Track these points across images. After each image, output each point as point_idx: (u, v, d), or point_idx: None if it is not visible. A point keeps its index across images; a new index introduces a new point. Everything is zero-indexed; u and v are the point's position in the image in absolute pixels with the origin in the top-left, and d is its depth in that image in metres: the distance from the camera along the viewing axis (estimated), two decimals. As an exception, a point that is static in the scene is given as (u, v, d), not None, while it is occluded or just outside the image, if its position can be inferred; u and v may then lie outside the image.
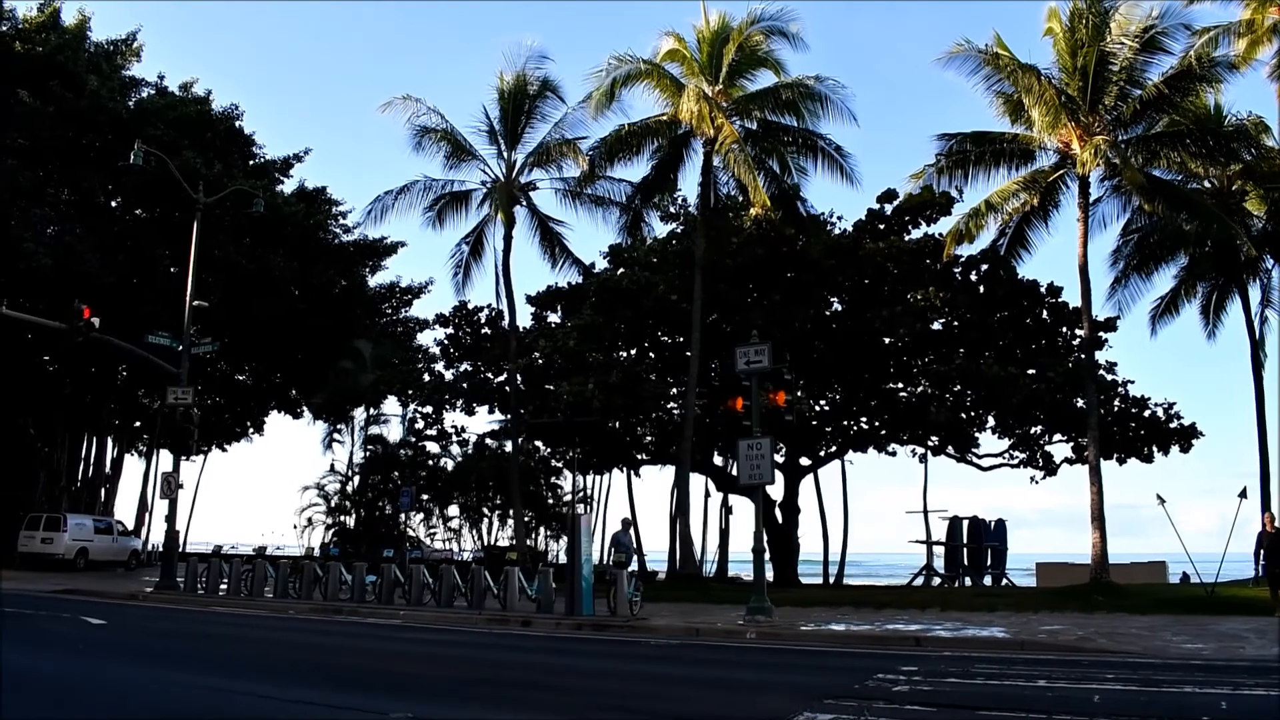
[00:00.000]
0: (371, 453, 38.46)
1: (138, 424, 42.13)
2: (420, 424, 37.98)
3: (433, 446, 38.46)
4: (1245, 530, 19.89)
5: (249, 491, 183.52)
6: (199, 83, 37.13)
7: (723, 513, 39.38)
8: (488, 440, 36.26)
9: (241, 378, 42.32)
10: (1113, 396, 27.28)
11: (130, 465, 43.47)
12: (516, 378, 30.08)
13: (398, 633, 15.23)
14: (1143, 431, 27.17)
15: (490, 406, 34.30)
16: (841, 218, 30.78)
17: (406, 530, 36.26)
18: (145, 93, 35.45)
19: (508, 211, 28.35)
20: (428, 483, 37.17)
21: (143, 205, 34.96)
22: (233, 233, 33.28)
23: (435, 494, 37.90)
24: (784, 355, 25.48)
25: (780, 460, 30.46)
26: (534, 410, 30.23)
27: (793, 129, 27.70)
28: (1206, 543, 20.34)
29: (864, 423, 31.21)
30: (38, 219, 30.69)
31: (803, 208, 29.02)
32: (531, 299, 33.90)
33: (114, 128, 31.76)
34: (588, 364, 28.96)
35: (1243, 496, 19.64)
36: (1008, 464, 29.91)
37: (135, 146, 24.45)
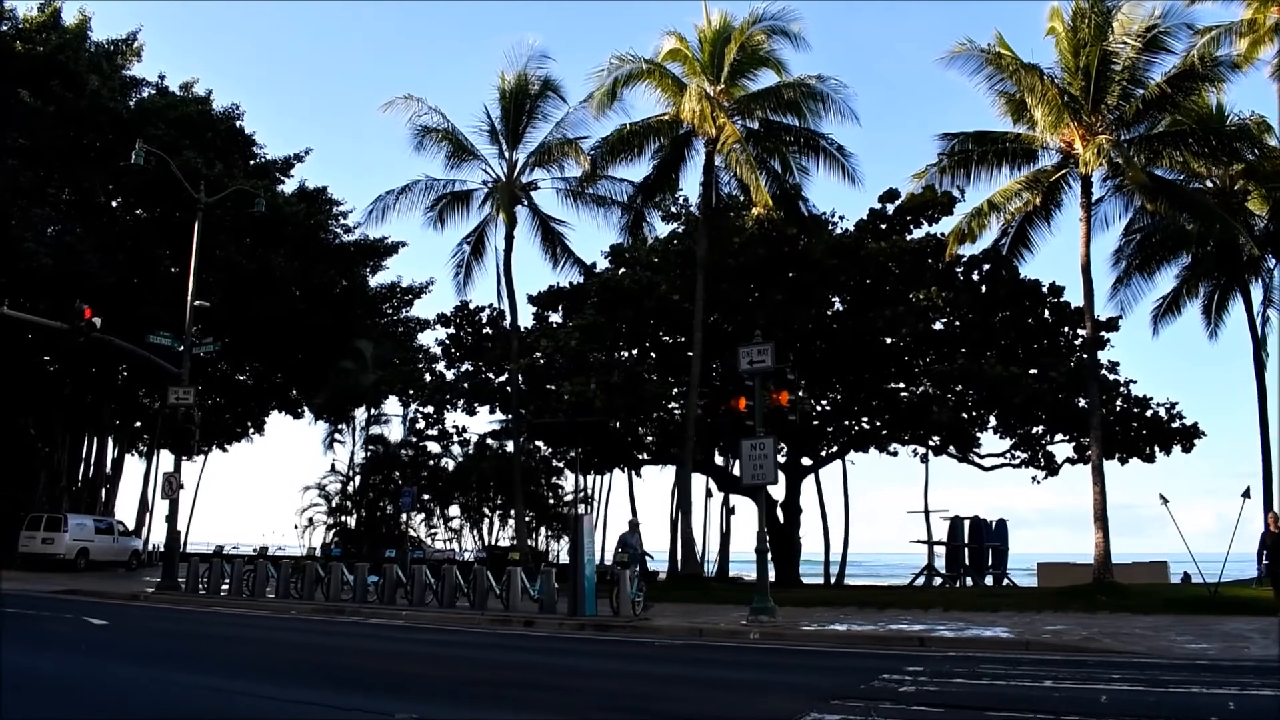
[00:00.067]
0: (372, 453, 38.40)
1: (138, 424, 42.11)
2: (421, 424, 37.97)
3: (434, 446, 38.45)
4: (1247, 530, 19.84)
5: (249, 492, 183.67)
6: (199, 83, 37.22)
7: (724, 512, 39.44)
8: (489, 440, 36.23)
9: (242, 378, 42.31)
10: (1115, 396, 27.30)
11: (131, 465, 43.54)
12: (518, 377, 30.05)
13: (400, 633, 15.20)
14: (1145, 431, 27.19)
15: (491, 406, 34.29)
16: (843, 217, 30.85)
17: (408, 530, 36.21)
18: (146, 93, 35.46)
19: (509, 211, 28.31)
20: (429, 483, 37.12)
21: (143, 205, 34.95)
22: (233, 233, 33.27)
23: (436, 494, 37.87)
24: (786, 355, 25.47)
25: (782, 460, 30.41)
26: (535, 410, 30.20)
27: (794, 129, 27.67)
28: (1207, 543, 20.33)
29: (865, 423, 31.20)
30: (38, 219, 30.69)
31: (805, 207, 29.03)
32: (533, 299, 33.92)
33: (115, 128, 31.75)
34: (589, 364, 28.95)
35: (1246, 496, 19.62)
36: (1009, 464, 29.92)
37: (136, 146, 24.45)
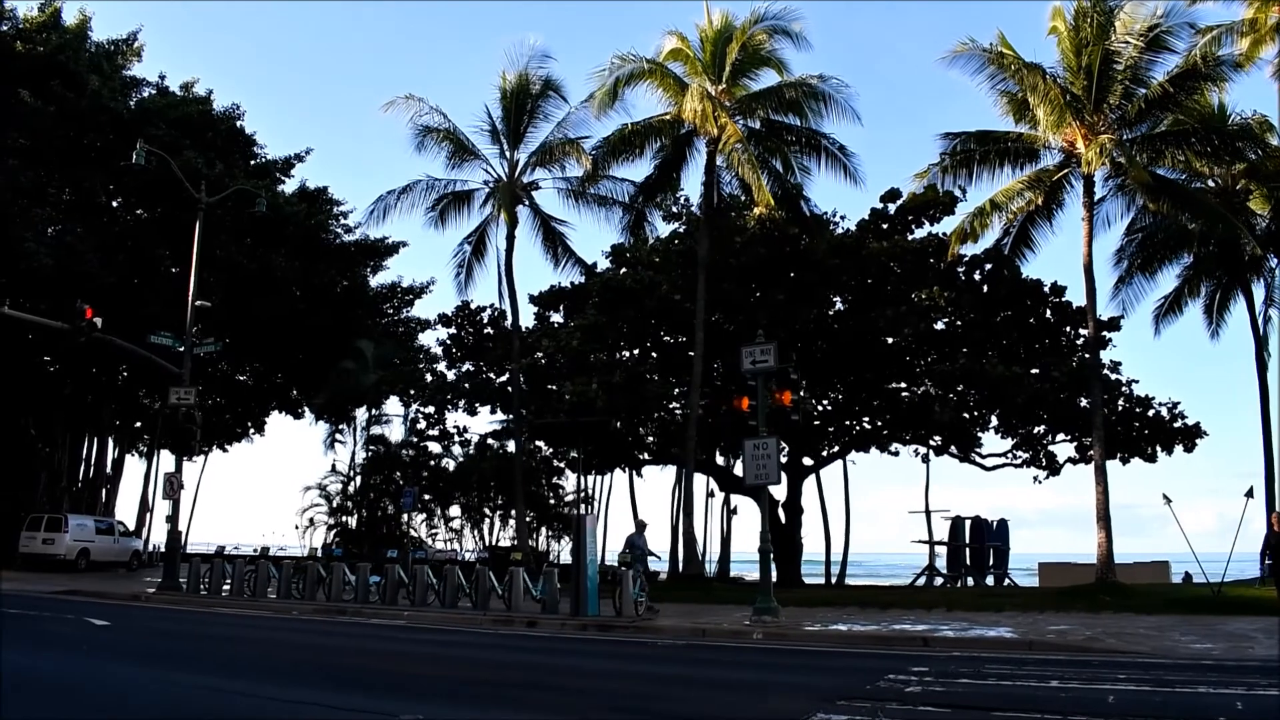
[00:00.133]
0: (373, 453, 38.36)
1: (138, 424, 42.07)
2: (422, 424, 37.94)
3: (435, 447, 38.42)
4: (1249, 530, 19.81)
5: (249, 492, 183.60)
6: (200, 83, 37.15)
7: (724, 512, 39.44)
8: (490, 440, 36.20)
9: (242, 378, 42.26)
10: (1117, 396, 27.30)
11: (131, 466, 43.49)
12: (519, 377, 30.01)
13: (402, 633, 15.17)
14: (1147, 431, 27.18)
15: (492, 407, 34.29)
16: (845, 217, 30.80)
17: (409, 531, 36.18)
18: (146, 92, 35.40)
19: (510, 211, 28.28)
20: (429, 483, 37.09)
21: (143, 205, 34.90)
22: (234, 233, 33.23)
23: (437, 494, 37.84)
24: (789, 355, 25.44)
25: (783, 460, 30.38)
26: (536, 410, 30.18)
27: (796, 128, 27.66)
28: (1208, 543, 20.31)
29: (866, 422, 31.18)
30: (39, 219, 30.65)
31: (806, 207, 29.00)
32: (534, 299, 33.89)
33: (115, 127, 31.70)
34: (591, 364, 28.94)
35: (1249, 496, 19.58)
36: (1011, 464, 29.89)
37: (137, 146, 24.41)
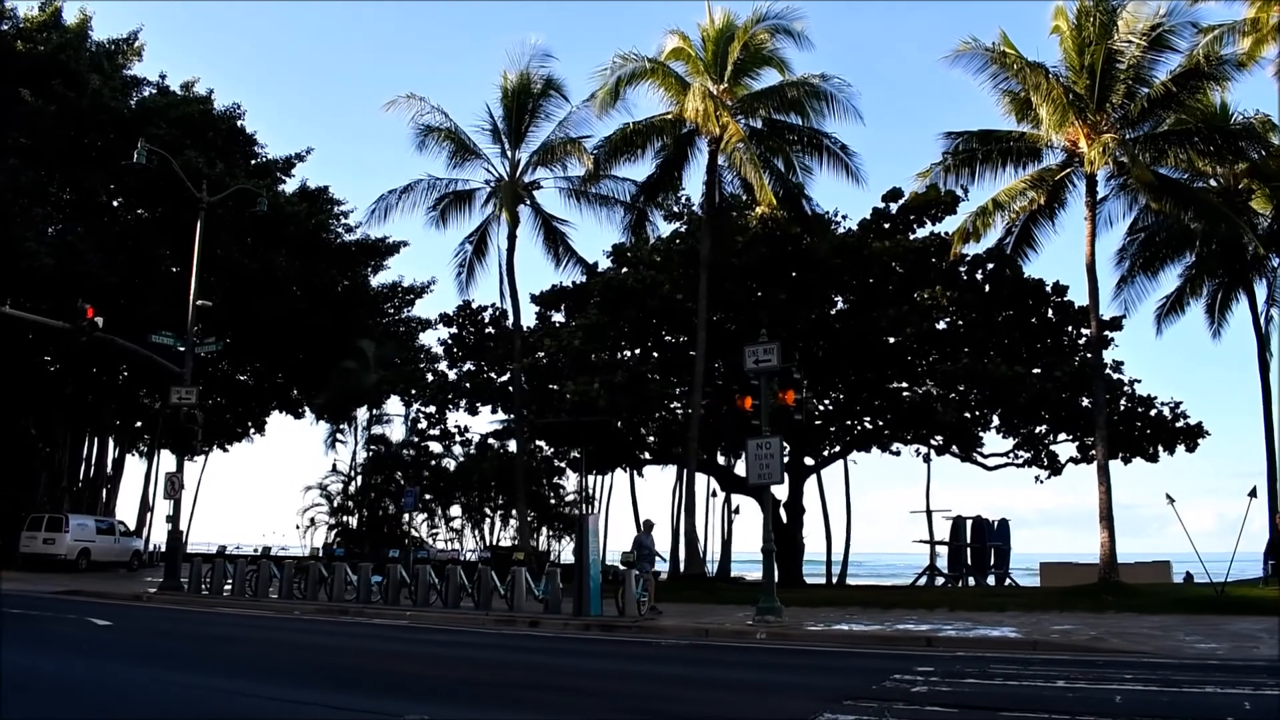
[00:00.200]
0: (374, 453, 38.35)
1: (139, 424, 42.03)
2: (423, 424, 37.92)
3: (436, 446, 38.41)
4: (1250, 530, 19.77)
5: (250, 492, 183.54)
6: (200, 82, 37.17)
7: (725, 511, 39.42)
8: (491, 440, 36.18)
9: (243, 378, 42.23)
10: (1119, 396, 27.28)
11: (131, 466, 43.45)
12: (520, 377, 29.97)
13: (405, 633, 15.14)
14: (1149, 431, 27.17)
15: (494, 406, 34.24)
16: (846, 216, 30.83)
17: (411, 530, 36.15)
18: (147, 92, 35.37)
19: (512, 210, 28.24)
20: (430, 483, 37.07)
21: (144, 205, 34.85)
22: (235, 232, 33.19)
23: (438, 494, 37.82)
24: (792, 355, 25.42)
25: (784, 460, 30.37)
26: (538, 410, 30.15)
27: (798, 127, 27.63)
28: (1207, 543, 20.24)
29: (868, 422, 31.17)
30: (39, 218, 30.60)
31: (808, 206, 28.97)
32: (536, 298, 33.86)
33: (116, 127, 31.66)
34: (592, 363, 28.91)
35: (1253, 496, 19.54)
36: (1012, 464, 29.87)
37: (139, 145, 24.36)
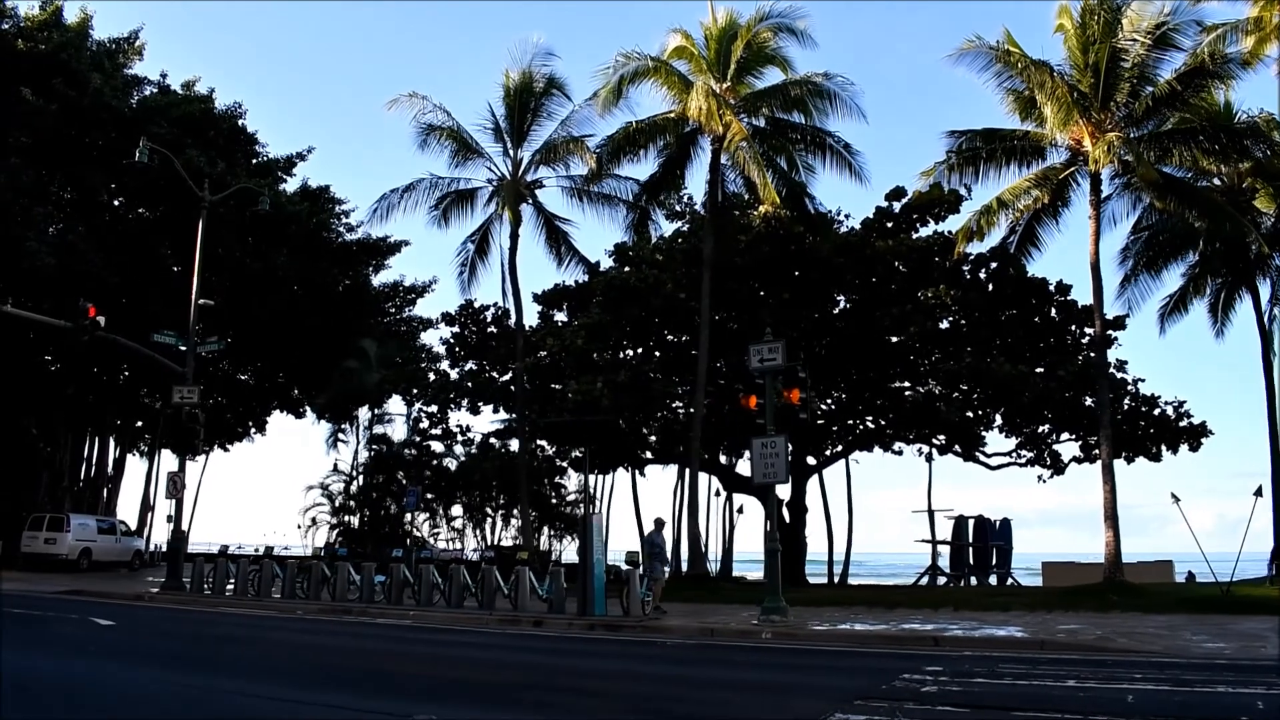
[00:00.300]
0: (376, 452, 38.32)
1: (140, 424, 41.99)
2: (425, 423, 37.89)
3: (437, 446, 38.38)
4: (1254, 529, 19.72)
5: (251, 491, 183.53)
6: (201, 81, 37.27)
7: (727, 510, 39.38)
8: (493, 440, 36.13)
9: (244, 377, 42.20)
10: (1122, 395, 27.22)
11: (132, 465, 43.43)
12: (523, 377, 29.92)
13: (408, 633, 15.08)
14: (1152, 430, 27.10)
15: (495, 406, 34.19)
16: (849, 215, 30.80)
17: (413, 530, 36.11)
18: (148, 91, 35.37)
19: (514, 210, 28.18)
20: (432, 482, 37.04)
21: (146, 204, 34.83)
22: (236, 232, 33.17)
23: (439, 494, 37.79)
24: (797, 354, 25.37)
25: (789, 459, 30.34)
26: (540, 409, 30.09)
27: (801, 126, 27.55)
28: (1207, 542, 20.14)
29: (870, 422, 31.12)
30: (41, 218, 30.55)
31: (811, 205, 28.87)
32: (538, 297, 33.80)
33: (117, 126, 31.62)
34: (594, 363, 28.86)
35: (1258, 495, 19.50)
36: (1015, 463, 29.81)
37: (140, 144, 24.32)
